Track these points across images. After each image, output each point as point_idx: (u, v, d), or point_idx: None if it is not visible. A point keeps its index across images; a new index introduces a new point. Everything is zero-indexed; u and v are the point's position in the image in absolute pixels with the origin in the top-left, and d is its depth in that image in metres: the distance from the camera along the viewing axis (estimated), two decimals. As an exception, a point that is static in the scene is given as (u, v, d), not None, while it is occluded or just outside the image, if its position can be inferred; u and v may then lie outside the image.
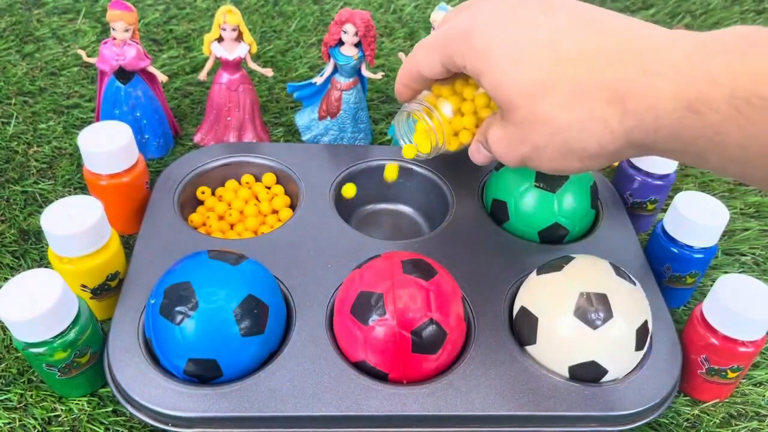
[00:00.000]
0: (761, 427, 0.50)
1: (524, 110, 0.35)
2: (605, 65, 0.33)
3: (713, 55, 0.30)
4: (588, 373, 0.46)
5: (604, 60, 0.33)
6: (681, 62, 0.30)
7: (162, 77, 0.65)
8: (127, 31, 0.61)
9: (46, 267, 0.51)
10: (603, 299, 0.45)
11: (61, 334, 0.43)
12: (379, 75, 0.66)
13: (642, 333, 0.46)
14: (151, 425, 0.44)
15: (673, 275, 0.55)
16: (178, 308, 0.43)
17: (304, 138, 0.69)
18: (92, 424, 0.47)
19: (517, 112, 0.35)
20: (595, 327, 0.45)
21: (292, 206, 0.63)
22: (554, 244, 0.57)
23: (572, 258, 0.49)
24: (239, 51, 0.64)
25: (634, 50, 0.32)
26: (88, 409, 0.47)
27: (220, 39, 0.63)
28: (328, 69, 0.65)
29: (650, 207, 0.62)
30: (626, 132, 0.33)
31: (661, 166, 0.59)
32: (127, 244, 0.59)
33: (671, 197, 0.65)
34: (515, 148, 0.38)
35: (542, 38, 0.34)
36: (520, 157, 0.38)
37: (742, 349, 0.47)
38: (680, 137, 0.31)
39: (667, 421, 0.50)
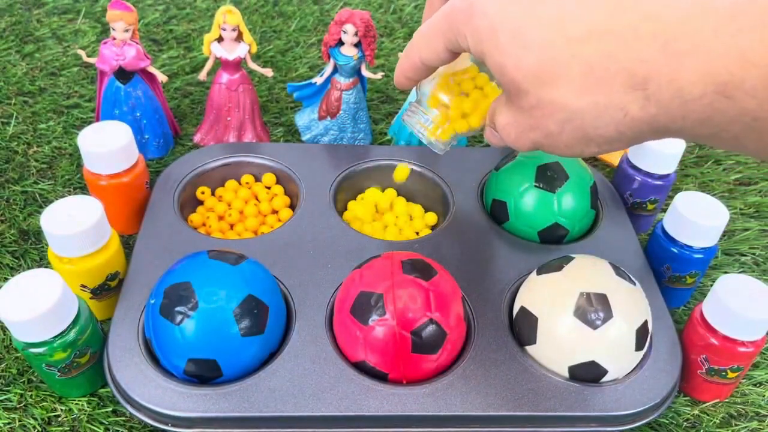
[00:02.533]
0: (761, 427, 0.50)
1: (533, 95, 0.32)
2: (621, 44, 0.29)
3: (744, 29, 0.26)
4: (588, 373, 0.46)
5: (620, 38, 0.29)
6: (708, 39, 0.27)
7: (162, 77, 0.65)
8: (127, 31, 0.61)
9: (46, 267, 0.51)
10: (603, 299, 0.45)
11: (61, 334, 0.43)
12: (379, 75, 0.66)
13: (642, 333, 0.46)
14: (151, 425, 0.44)
15: (673, 275, 0.55)
16: (178, 308, 0.43)
17: (304, 138, 0.69)
18: (92, 424, 0.47)
19: (526, 97, 0.33)
20: (595, 327, 0.45)
21: (292, 206, 0.63)
22: (554, 244, 0.57)
23: (572, 258, 0.49)
24: (239, 51, 0.64)
25: (653, 26, 0.29)
26: (88, 409, 0.47)
27: (220, 39, 0.63)
28: (328, 69, 0.65)
29: (650, 207, 0.62)
30: (649, 118, 0.30)
31: (661, 166, 0.59)
32: (127, 244, 0.59)
33: (671, 197, 0.65)
34: (526, 135, 0.35)
35: (549, 15, 0.31)
36: (533, 144, 0.35)
37: (742, 349, 0.47)
38: (711, 123, 0.28)
39: (667, 421, 0.50)
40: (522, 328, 0.48)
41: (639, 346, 0.46)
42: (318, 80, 0.65)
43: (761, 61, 0.26)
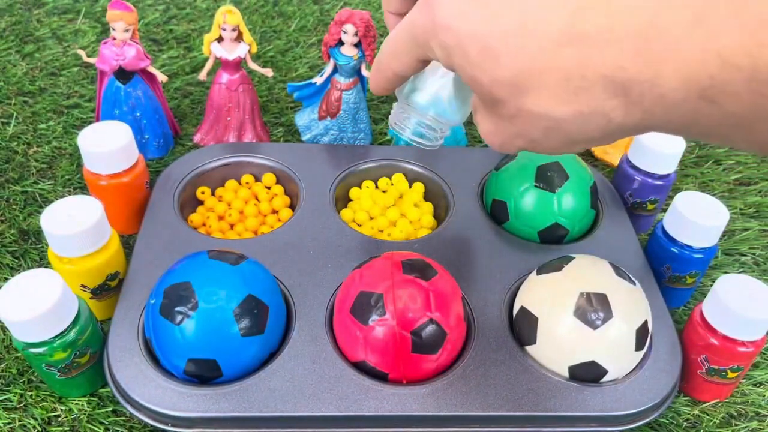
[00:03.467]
0: (761, 427, 0.50)
1: (511, 105, 0.31)
2: (595, 49, 0.28)
3: (720, 28, 0.24)
4: (588, 373, 0.46)
5: (593, 42, 0.28)
6: (683, 41, 0.25)
7: (162, 77, 0.65)
8: (127, 31, 0.61)
9: (46, 267, 0.51)
10: (603, 299, 0.45)
11: (61, 334, 0.43)
12: (379, 75, 0.66)
13: (642, 333, 0.46)
14: (151, 425, 0.44)
15: (673, 275, 0.55)
16: (178, 308, 0.43)
17: (304, 138, 0.69)
18: (92, 424, 0.47)
19: (504, 107, 0.32)
20: (595, 327, 0.45)
21: (292, 206, 0.63)
22: (554, 244, 0.57)
23: (572, 258, 0.49)
24: (239, 51, 0.64)
25: (624, 26, 0.27)
26: (88, 409, 0.47)
27: (220, 39, 0.63)
28: (328, 69, 0.65)
29: (650, 207, 0.62)
30: (634, 124, 0.29)
31: (662, 166, 0.59)
32: (127, 244, 0.59)
33: (671, 197, 0.65)
34: (511, 141, 0.34)
35: (513, 24, 0.29)
36: (518, 149, 0.35)
37: (742, 349, 0.47)
38: (697, 126, 0.27)
39: (667, 421, 0.50)
40: (522, 328, 0.48)
41: (639, 346, 0.46)
42: (318, 80, 0.65)
43: (741, 62, 0.24)
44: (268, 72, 0.66)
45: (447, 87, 0.42)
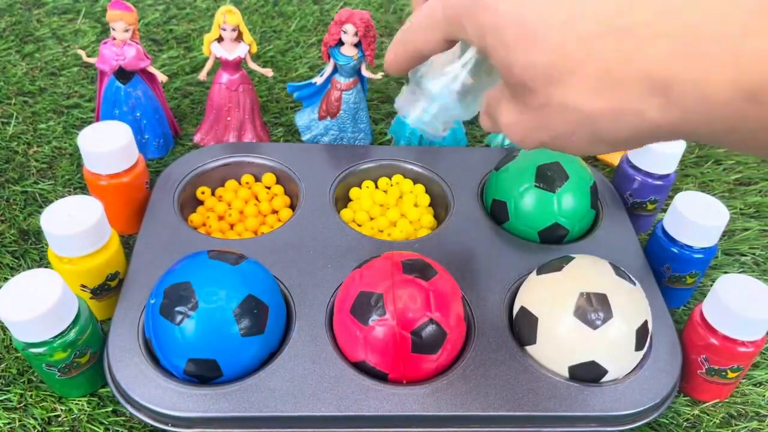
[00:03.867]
0: (761, 427, 0.50)
1: (542, 95, 0.30)
2: (640, 44, 0.27)
3: None
4: (588, 373, 0.46)
5: (638, 37, 0.27)
6: (736, 39, 0.25)
7: (162, 77, 0.65)
8: (127, 31, 0.61)
9: (46, 267, 0.51)
10: (603, 299, 0.45)
11: (61, 334, 0.43)
12: (379, 75, 0.66)
13: (642, 333, 0.46)
14: (151, 425, 0.44)
15: (673, 275, 0.55)
16: (178, 308, 0.43)
17: (304, 138, 0.69)
18: (92, 424, 0.47)
19: (534, 96, 0.31)
20: (594, 327, 0.45)
21: (292, 206, 0.63)
22: (554, 244, 0.57)
23: (572, 258, 0.49)
24: (239, 51, 0.64)
25: (674, 23, 0.26)
26: (88, 409, 0.47)
27: (220, 39, 0.63)
28: (328, 69, 0.65)
29: (650, 207, 0.62)
30: (669, 125, 0.28)
31: (662, 166, 0.59)
32: (127, 244, 0.59)
33: (671, 197, 0.65)
34: (534, 135, 0.33)
35: (558, 9, 0.29)
36: (540, 143, 0.34)
37: (742, 349, 0.47)
38: (737, 130, 0.27)
39: (667, 421, 0.50)
40: (522, 328, 0.48)
41: (639, 346, 0.46)
42: (318, 80, 0.65)
43: None
44: (268, 72, 0.66)
45: (462, 78, 0.40)
